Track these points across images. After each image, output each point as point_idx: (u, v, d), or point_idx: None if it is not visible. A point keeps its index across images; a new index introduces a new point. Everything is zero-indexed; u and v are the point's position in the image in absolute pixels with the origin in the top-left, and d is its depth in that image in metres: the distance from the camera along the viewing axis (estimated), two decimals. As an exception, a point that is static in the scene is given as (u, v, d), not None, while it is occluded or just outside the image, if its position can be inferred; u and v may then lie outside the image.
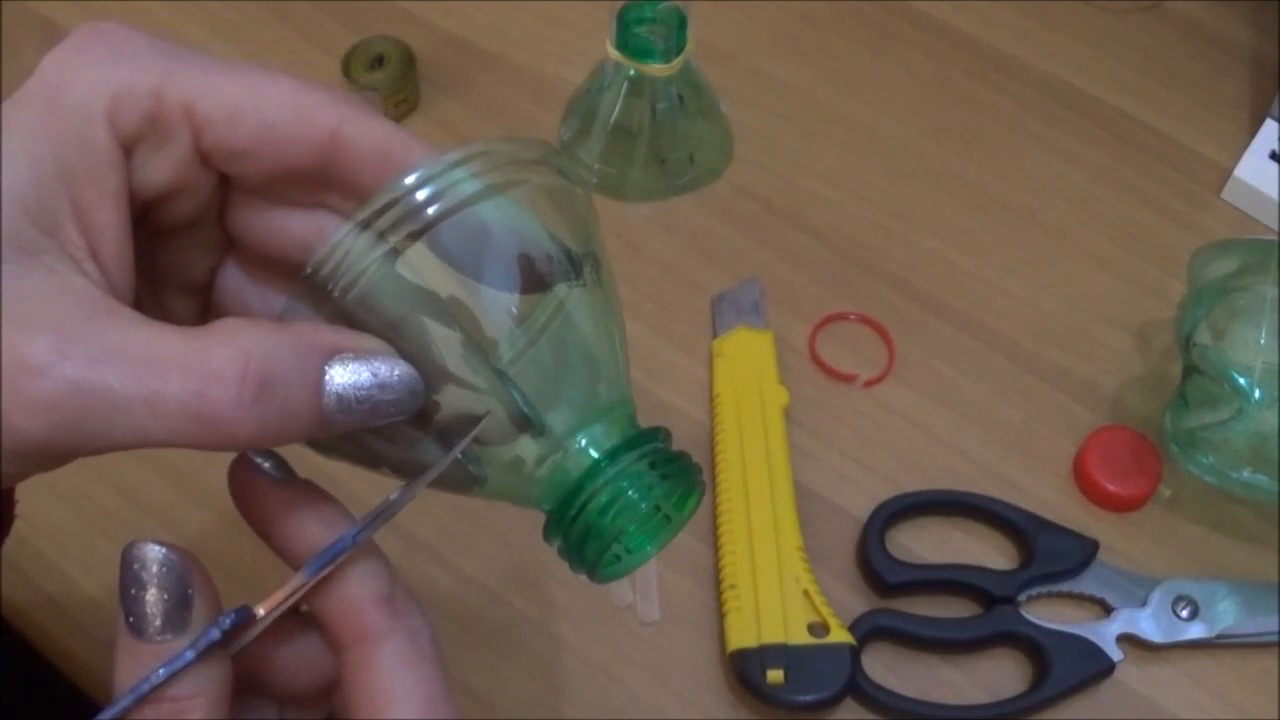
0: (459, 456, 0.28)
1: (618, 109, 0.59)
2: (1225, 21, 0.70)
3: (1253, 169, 0.63)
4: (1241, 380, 0.49)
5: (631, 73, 0.58)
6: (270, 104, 0.27)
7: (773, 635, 0.48)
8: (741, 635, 0.48)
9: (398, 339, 0.27)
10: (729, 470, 0.52)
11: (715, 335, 0.57)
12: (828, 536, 0.52)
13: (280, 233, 0.30)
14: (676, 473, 0.29)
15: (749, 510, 0.51)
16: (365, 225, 0.26)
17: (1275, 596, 0.50)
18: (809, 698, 0.47)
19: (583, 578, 0.30)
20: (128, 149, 0.26)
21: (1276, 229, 0.62)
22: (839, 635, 0.48)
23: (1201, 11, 0.71)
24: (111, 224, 0.26)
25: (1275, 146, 0.63)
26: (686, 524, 0.31)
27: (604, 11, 0.57)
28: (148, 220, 0.28)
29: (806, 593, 0.49)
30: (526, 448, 0.28)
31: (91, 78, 0.26)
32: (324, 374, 0.25)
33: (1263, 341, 0.49)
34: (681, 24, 0.57)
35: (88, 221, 0.26)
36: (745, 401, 0.54)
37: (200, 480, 0.52)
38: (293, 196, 0.29)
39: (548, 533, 0.30)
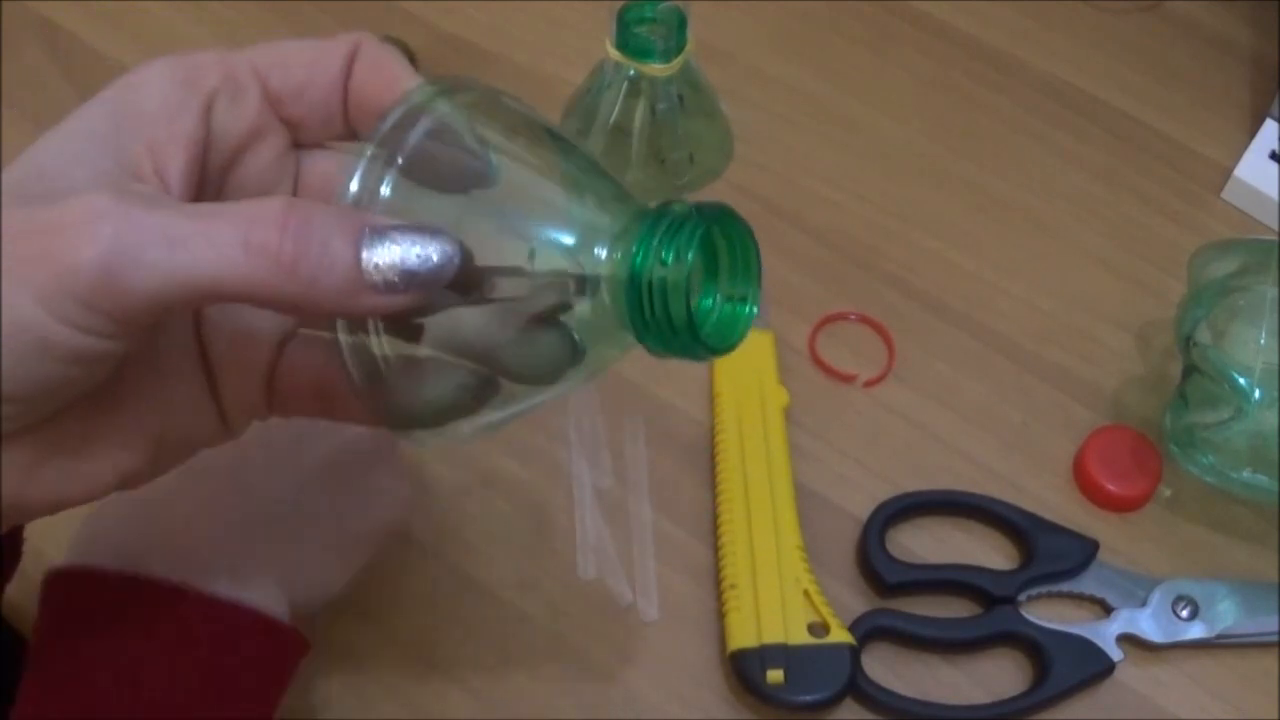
0: (572, 334, 0.30)
1: (618, 109, 0.59)
2: (1225, 21, 0.70)
3: (1253, 169, 0.63)
4: (1241, 380, 0.49)
5: (631, 73, 0.58)
6: (306, 48, 0.32)
7: (773, 635, 0.48)
8: (741, 635, 0.48)
9: None
10: (729, 470, 0.52)
11: (715, 335, 0.57)
12: (828, 536, 0.52)
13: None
14: (706, 211, 0.30)
15: (749, 510, 0.51)
16: (377, 147, 0.29)
17: (1275, 596, 0.50)
18: (809, 698, 0.47)
19: (708, 361, 0.31)
20: (209, 104, 0.30)
21: (1276, 229, 0.62)
22: (839, 635, 0.48)
23: (1201, 11, 0.71)
24: (180, 161, 0.29)
25: (1275, 146, 0.63)
26: (757, 262, 0.31)
27: (604, 11, 0.57)
28: (227, 186, 0.31)
29: (806, 593, 0.49)
30: (583, 296, 0.30)
31: (161, 64, 0.30)
32: (362, 227, 0.28)
33: (1263, 341, 0.49)
34: (681, 24, 0.57)
35: (158, 155, 0.29)
36: (745, 401, 0.54)
37: (200, 480, 0.52)
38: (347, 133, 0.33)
39: (646, 342, 0.31)
